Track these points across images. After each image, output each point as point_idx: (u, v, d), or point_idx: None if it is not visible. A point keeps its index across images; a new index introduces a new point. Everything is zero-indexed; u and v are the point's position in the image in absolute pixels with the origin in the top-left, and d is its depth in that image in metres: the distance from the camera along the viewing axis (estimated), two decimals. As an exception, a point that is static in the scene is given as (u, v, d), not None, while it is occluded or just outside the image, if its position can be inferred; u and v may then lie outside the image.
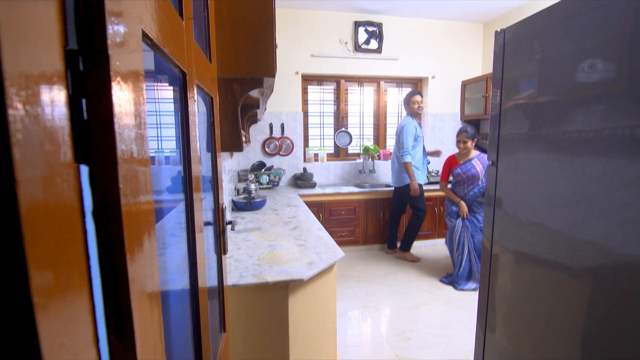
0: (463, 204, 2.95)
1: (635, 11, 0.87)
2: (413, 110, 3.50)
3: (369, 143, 4.24)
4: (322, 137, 4.30)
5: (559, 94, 1.12)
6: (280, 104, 3.98)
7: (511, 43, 1.33)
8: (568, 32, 1.08)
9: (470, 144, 2.93)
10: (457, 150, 3.12)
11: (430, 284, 3.04)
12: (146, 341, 0.37)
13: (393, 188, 3.66)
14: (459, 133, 2.98)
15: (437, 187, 3.73)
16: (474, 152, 2.97)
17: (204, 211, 0.76)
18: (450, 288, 2.94)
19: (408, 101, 3.53)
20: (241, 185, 3.13)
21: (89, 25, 0.30)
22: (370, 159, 4.21)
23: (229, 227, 1.13)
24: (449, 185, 3.16)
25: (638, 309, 0.88)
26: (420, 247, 3.91)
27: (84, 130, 0.29)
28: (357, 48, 4.02)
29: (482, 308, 1.53)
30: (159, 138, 0.68)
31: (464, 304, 2.68)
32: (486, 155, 2.84)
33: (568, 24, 1.08)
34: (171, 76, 0.63)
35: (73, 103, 0.28)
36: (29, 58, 0.22)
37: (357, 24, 3.99)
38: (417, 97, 3.49)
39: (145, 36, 0.40)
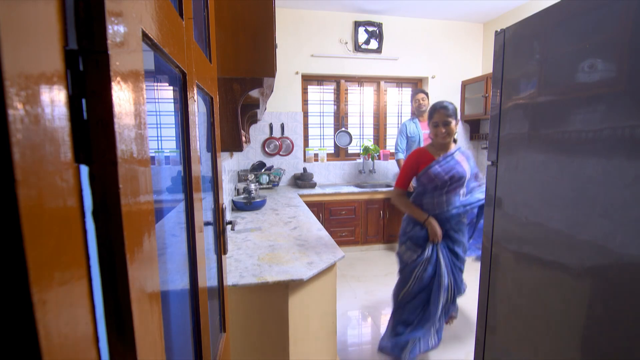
0: (433, 222, 1.82)
1: (635, 11, 0.87)
2: (414, 108, 3.52)
3: (369, 143, 4.24)
4: (322, 137, 4.30)
5: (559, 94, 1.12)
6: (280, 104, 3.98)
7: (511, 43, 1.33)
8: (568, 32, 1.08)
9: (454, 124, 1.82)
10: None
11: (430, 284, 3.04)
12: (146, 341, 0.37)
13: None
14: (435, 110, 1.82)
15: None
16: (453, 144, 1.91)
17: (204, 211, 0.76)
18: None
19: (411, 100, 3.56)
20: (241, 185, 3.13)
21: (89, 25, 0.30)
22: (370, 159, 4.21)
23: (229, 227, 1.13)
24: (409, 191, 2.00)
25: (638, 309, 0.88)
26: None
27: (84, 130, 0.29)
28: (357, 48, 4.02)
29: (482, 308, 1.53)
30: (159, 138, 0.68)
31: (464, 304, 2.67)
32: (467, 151, 1.96)
33: (568, 24, 1.08)
34: (171, 76, 0.63)
35: (73, 103, 0.28)
36: (29, 58, 0.22)
37: (357, 24, 3.98)
38: (418, 96, 3.48)
39: (145, 36, 0.40)
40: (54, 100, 0.24)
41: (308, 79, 4.14)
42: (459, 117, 1.91)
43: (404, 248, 1.92)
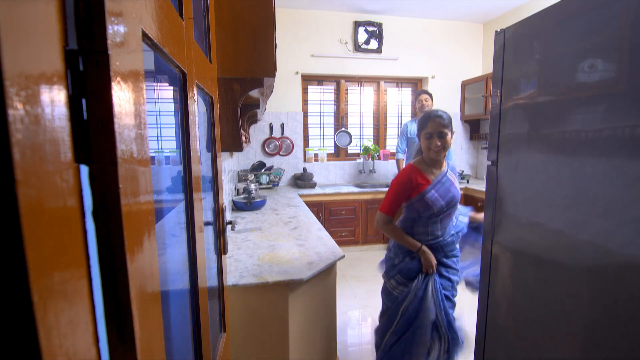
0: (427, 251, 1.56)
1: (635, 11, 0.87)
2: (416, 109, 3.52)
3: (369, 143, 4.24)
4: (322, 137, 4.30)
5: (559, 94, 1.12)
6: (280, 104, 3.98)
7: (511, 43, 1.33)
8: (568, 32, 1.08)
9: (449, 137, 1.54)
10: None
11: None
12: (146, 341, 0.37)
13: None
14: (429, 118, 1.55)
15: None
16: (444, 161, 1.63)
17: (204, 211, 0.76)
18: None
19: (414, 101, 3.55)
20: (241, 185, 3.13)
21: (89, 25, 0.30)
22: (370, 159, 4.21)
23: (229, 227, 1.13)
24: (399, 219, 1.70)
25: (638, 309, 0.88)
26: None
27: (84, 130, 0.29)
28: (357, 48, 4.02)
29: (482, 308, 1.53)
30: (159, 138, 0.68)
31: (463, 304, 2.67)
32: (454, 167, 1.72)
33: (568, 24, 1.08)
34: (171, 76, 0.63)
35: (73, 103, 0.28)
36: (29, 58, 0.22)
37: (357, 24, 3.98)
38: (422, 96, 3.46)
39: (145, 36, 0.40)
40: (54, 100, 0.24)
41: (308, 79, 4.14)
42: (454, 128, 1.63)
43: (393, 283, 1.65)
